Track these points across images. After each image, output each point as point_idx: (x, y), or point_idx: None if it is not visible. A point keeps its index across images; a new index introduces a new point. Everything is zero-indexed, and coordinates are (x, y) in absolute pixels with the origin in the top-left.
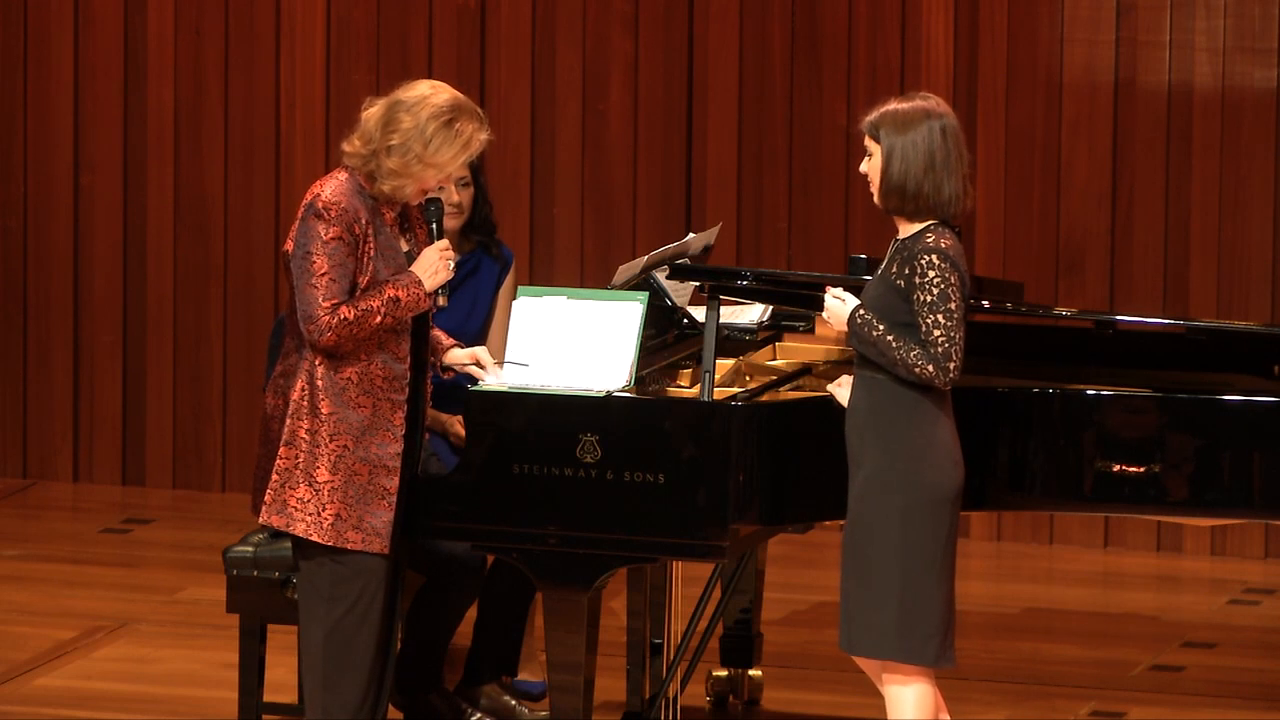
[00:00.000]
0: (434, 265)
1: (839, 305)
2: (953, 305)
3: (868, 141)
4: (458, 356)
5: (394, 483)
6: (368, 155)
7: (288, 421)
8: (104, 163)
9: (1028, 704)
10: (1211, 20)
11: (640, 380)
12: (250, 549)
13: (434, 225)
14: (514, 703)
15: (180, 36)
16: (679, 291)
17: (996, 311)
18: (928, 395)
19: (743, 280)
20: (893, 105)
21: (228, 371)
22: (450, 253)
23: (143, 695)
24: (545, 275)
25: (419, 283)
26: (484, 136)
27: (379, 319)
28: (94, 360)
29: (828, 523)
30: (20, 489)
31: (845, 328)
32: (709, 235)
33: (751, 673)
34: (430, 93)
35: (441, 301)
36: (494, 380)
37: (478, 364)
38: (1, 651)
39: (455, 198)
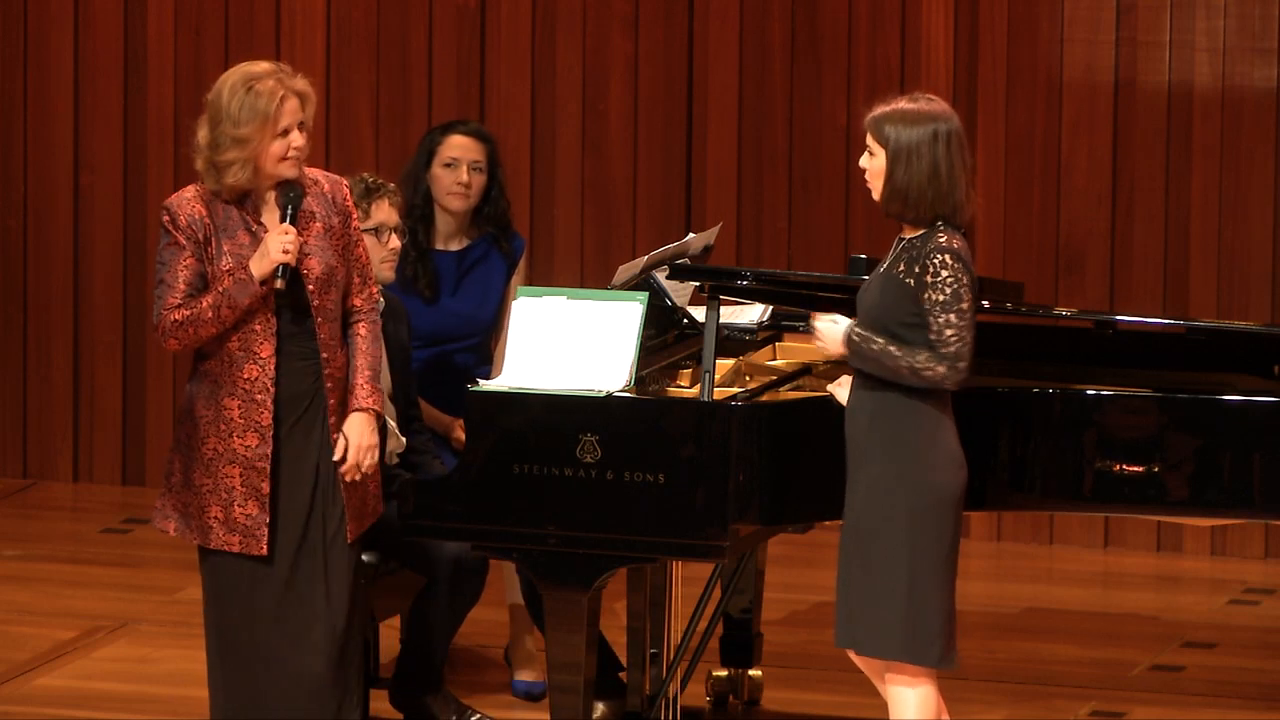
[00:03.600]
0: (265, 248)
1: (832, 328)
2: (965, 305)
3: (871, 141)
4: (347, 425)
5: (266, 484)
6: (208, 166)
7: (176, 427)
8: (104, 163)
9: (1028, 704)
10: (1211, 20)
11: (640, 380)
12: None
13: (285, 208)
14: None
15: (180, 36)
16: (679, 291)
17: (996, 311)
18: (929, 398)
19: (743, 280)
20: (899, 106)
21: None
22: (290, 236)
23: (143, 695)
24: (545, 275)
25: (245, 268)
26: (297, 85)
27: (212, 313)
28: (94, 360)
29: (828, 523)
30: (20, 489)
31: (841, 350)
32: (709, 235)
33: (751, 673)
34: (226, 76)
35: (278, 284)
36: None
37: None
38: (1, 651)
39: (464, 177)
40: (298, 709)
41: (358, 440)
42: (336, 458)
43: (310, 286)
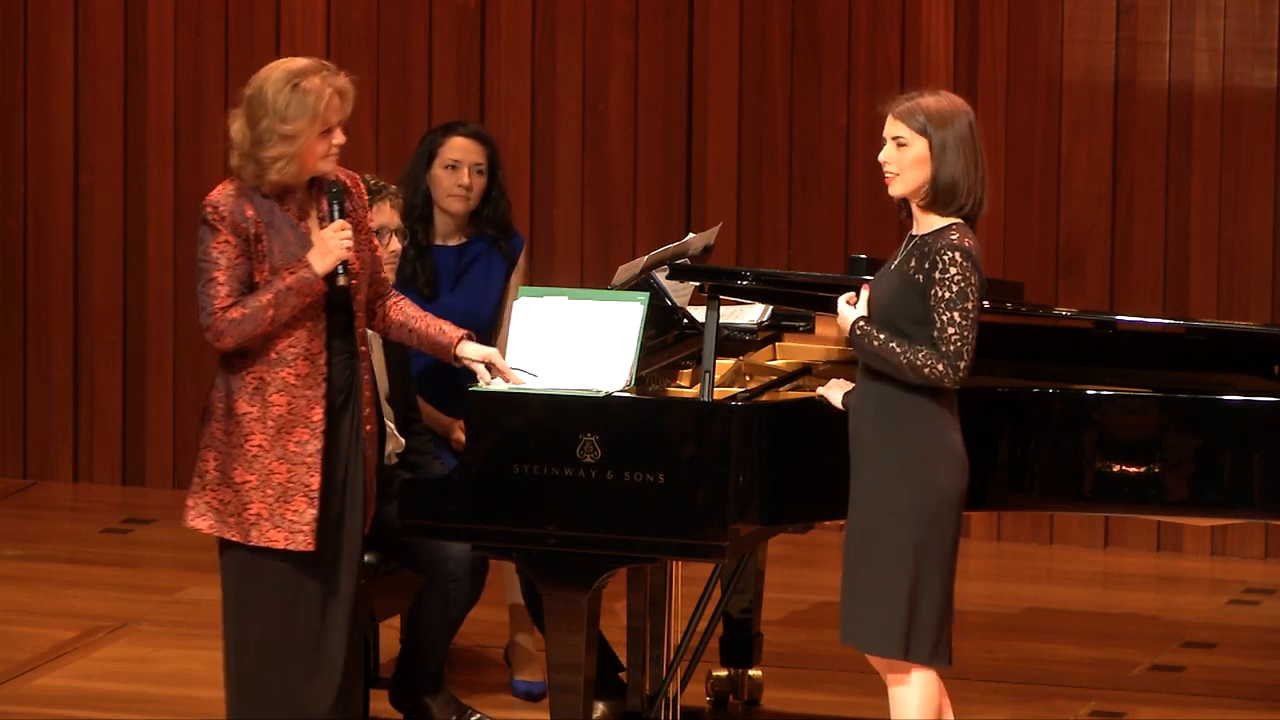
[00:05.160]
0: (325, 246)
1: (846, 312)
2: (969, 305)
3: (904, 129)
4: (471, 352)
5: (315, 479)
6: (247, 162)
7: (208, 424)
8: (104, 163)
9: (1028, 704)
10: (1211, 20)
11: (640, 380)
12: None
13: (334, 205)
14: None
15: (180, 36)
16: (679, 291)
17: (996, 311)
18: (935, 398)
19: (743, 280)
20: (927, 100)
21: None
22: (346, 232)
23: (143, 695)
24: (545, 275)
25: (308, 265)
26: (340, 83)
27: (272, 311)
28: (94, 360)
29: (827, 523)
30: (20, 489)
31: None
32: (709, 235)
33: (751, 673)
34: (268, 72)
35: (341, 281)
36: (495, 382)
37: (488, 366)
38: (1, 651)
39: (466, 180)
40: (326, 702)
41: (490, 353)
42: (490, 380)
43: (354, 281)
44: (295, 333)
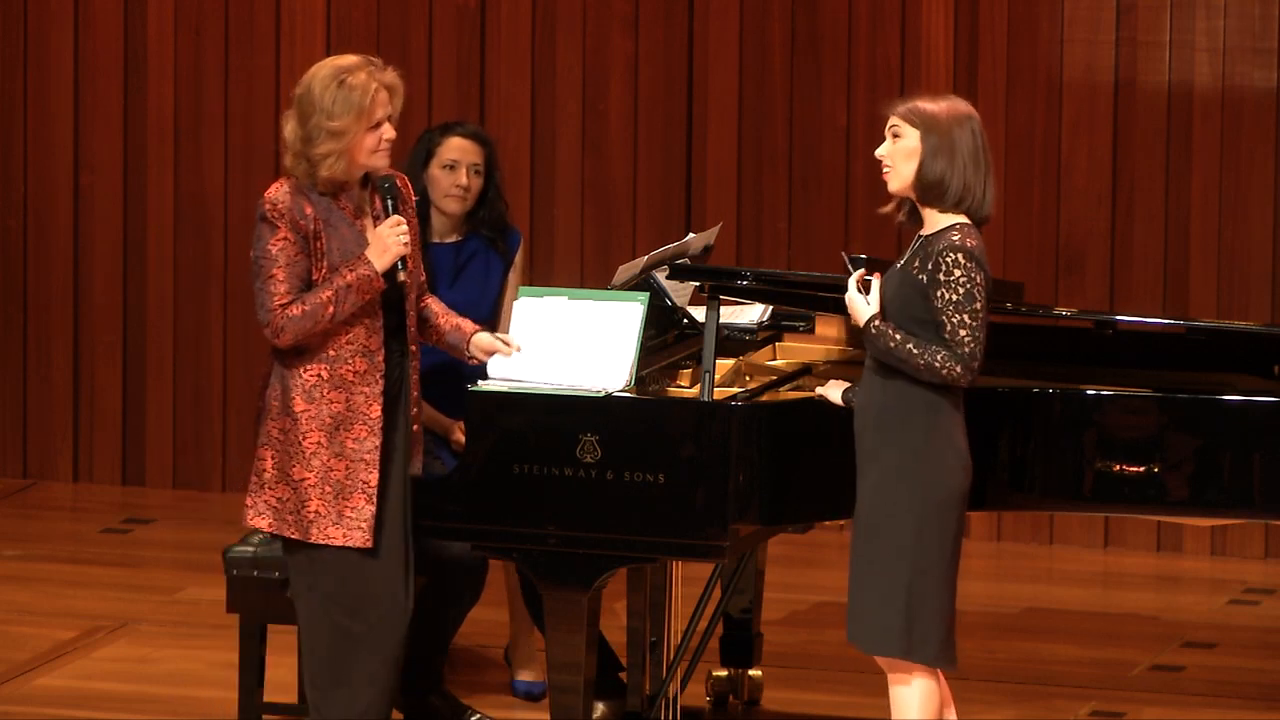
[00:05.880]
0: (383, 243)
1: (860, 306)
2: (978, 305)
3: (900, 123)
4: (483, 343)
5: (373, 476)
6: (299, 161)
7: (265, 423)
8: (104, 163)
9: (1028, 704)
10: (1211, 20)
11: (640, 380)
12: (250, 549)
13: (388, 202)
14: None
15: (180, 36)
16: (679, 291)
17: (997, 311)
18: (940, 396)
19: (743, 280)
20: (927, 100)
21: (228, 371)
22: (402, 228)
23: (143, 695)
24: (545, 275)
25: (368, 263)
26: (387, 78)
27: (332, 309)
28: (94, 360)
29: (828, 523)
30: (20, 489)
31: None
32: (709, 235)
33: (751, 673)
34: (315, 70)
35: (401, 277)
36: (497, 376)
37: (505, 344)
38: (1, 651)
39: (463, 180)
40: (388, 694)
41: (506, 336)
42: (508, 354)
43: (409, 279)
44: (354, 330)
